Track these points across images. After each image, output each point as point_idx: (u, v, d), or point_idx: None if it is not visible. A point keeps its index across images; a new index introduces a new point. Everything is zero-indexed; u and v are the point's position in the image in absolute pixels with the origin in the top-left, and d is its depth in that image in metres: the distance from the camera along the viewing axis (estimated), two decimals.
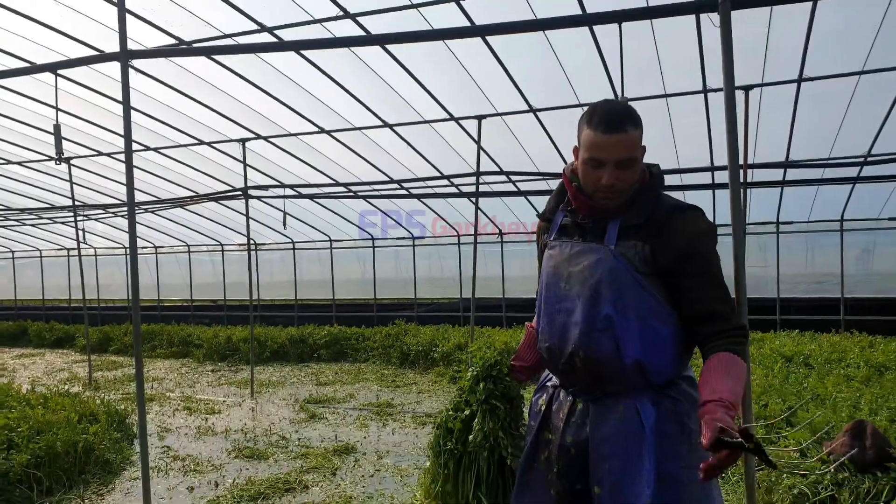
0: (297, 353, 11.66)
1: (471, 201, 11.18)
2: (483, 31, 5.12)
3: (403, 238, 13.70)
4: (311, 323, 13.21)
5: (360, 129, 8.52)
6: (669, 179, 9.21)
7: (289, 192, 10.25)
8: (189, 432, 6.74)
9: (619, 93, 7.30)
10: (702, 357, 1.88)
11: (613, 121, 1.84)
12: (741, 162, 3.86)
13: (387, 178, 10.07)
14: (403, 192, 10.57)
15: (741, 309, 2.32)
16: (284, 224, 9.32)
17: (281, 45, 5.47)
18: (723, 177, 8.39)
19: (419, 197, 10.45)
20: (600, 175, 1.88)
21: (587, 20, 4.53)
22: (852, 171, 8.12)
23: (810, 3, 5.54)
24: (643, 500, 1.86)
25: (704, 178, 9.02)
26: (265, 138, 8.99)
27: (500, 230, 12.83)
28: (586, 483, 2.00)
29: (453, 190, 10.36)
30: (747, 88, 5.90)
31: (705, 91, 7.16)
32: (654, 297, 1.89)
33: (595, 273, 1.93)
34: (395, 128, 8.46)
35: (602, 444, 1.95)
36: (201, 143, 9.43)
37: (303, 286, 14.69)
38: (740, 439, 1.47)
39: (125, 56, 3.30)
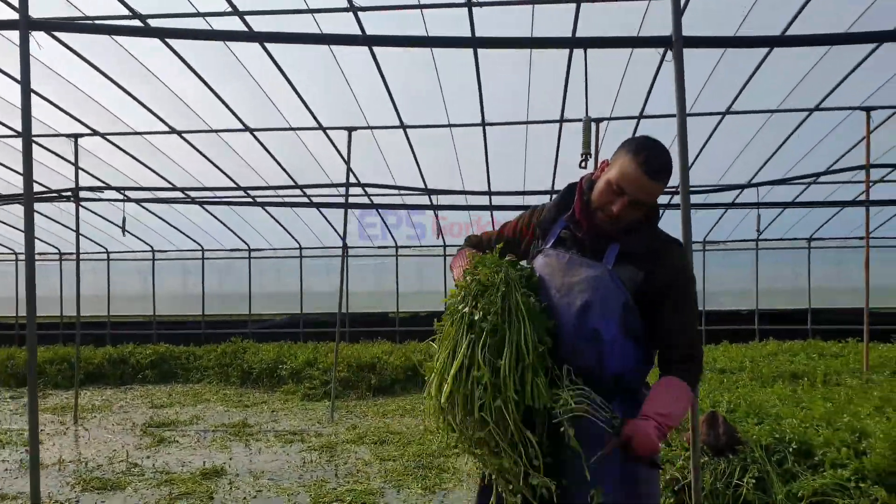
0: (118, 374, 10.47)
1: (319, 211, 11.02)
2: (371, 42, 5.16)
3: (238, 250, 12.97)
4: (127, 342, 11.92)
5: (217, 131, 7.98)
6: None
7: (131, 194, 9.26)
8: (10, 467, 5.77)
9: (482, 118, 7.76)
10: (660, 372, 2.09)
11: (656, 168, 1.96)
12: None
13: (234, 185, 9.52)
14: (248, 199, 10.07)
15: None
16: (123, 231, 8.36)
17: (147, 31, 5.03)
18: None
19: (263, 206, 10.07)
20: (614, 201, 2.01)
21: (473, 43, 4.79)
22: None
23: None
24: (606, 497, 2.00)
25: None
26: (103, 135, 8.05)
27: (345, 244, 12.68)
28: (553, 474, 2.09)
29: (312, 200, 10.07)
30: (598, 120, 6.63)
31: (562, 121, 7.82)
32: (638, 319, 2.06)
33: (589, 288, 2.04)
34: (255, 132, 8.06)
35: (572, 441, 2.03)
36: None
37: (119, 301, 13.23)
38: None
39: None
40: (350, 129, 7.36)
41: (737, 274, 12.54)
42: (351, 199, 10.19)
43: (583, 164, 2.73)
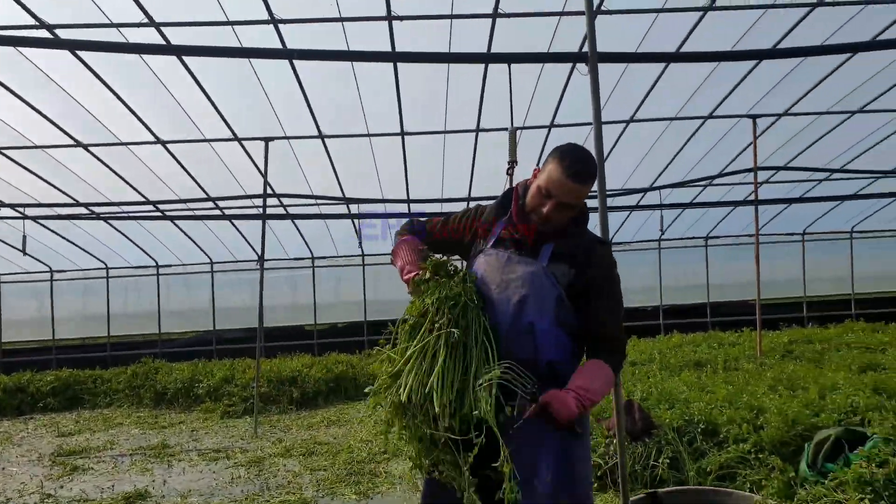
0: (15, 404, 9.77)
1: (232, 224, 10.79)
2: (292, 55, 5.20)
3: (146, 266, 12.45)
4: (24, 369, 11.11)
5: (127, 144, 7.70)
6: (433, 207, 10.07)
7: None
8: None
9: (401, 128, 7.91)
10: (586, 355, 2.31)
11: (581, 173, 2.15)
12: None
13: (142, 200, 9.19)
14: (157, 213, 9.74)
15: None
16: (24, 248, 7.87)
17: (57, 43, 4.84)
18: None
19: (173, 219, 9.78)
20: (544, 204, 2.19)
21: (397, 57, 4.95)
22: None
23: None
24: (548, 473, 2.21)
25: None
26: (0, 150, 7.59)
27: (262, 256, 12.45)
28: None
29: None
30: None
31: (478, 130, 8.07)
32: (570, 313, 2.25)
33: (526, 284, 2.22)
34: (167, 144, 7.83)
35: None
36: None
37: (12, 327, 12.36)
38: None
39: None
40: (267, 140, 7.29)
41: (642, 272, 13.28)
42: (268, 211, 10.11)
43: (509, 171, 2.91)
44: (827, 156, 9.96)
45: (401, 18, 5.60)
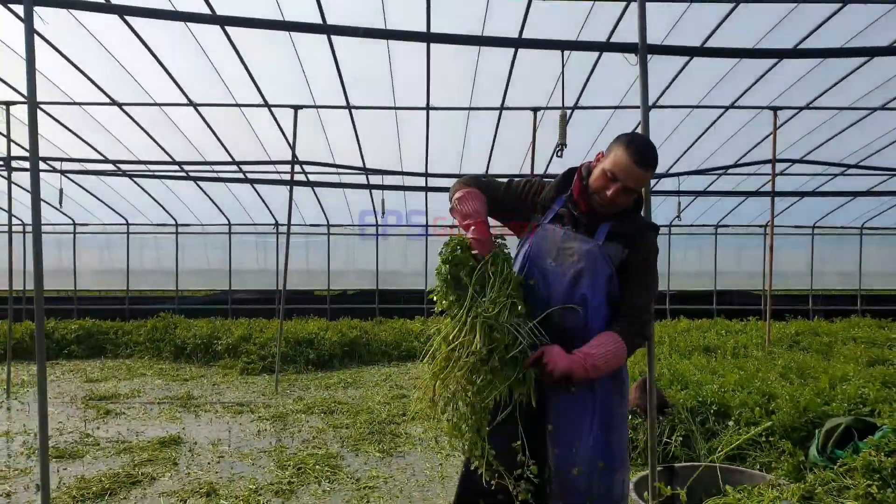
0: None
1: (253, 187, 10.97)
2: (330, 30, 5.34)
3: (165, 224, 12.67)
4: (47, 317, 11.42)
5: (161, 105, 7.84)
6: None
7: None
8: None
9: (427, 102, 8.05)
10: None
11: (645, 159, 2.33)
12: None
13: (170, 160, 9.36)
14: (181, 173, 9.90)
15: None
16: (60, 202, 8.06)
17: (108, 7, 4.95)
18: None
19: (196, 180, 9.94)
20: (609, 187, 2.36)
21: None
22: None
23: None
24: (589, 437, 2.42)
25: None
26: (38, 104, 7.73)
27: (288, 222, 12.68)
28: (543, 421, 2.47)
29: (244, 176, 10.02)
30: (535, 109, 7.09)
31: (502, 108, 8.19)
32: (616, 288, 2.44)
33: (582, 260, 2.40)
34: (199, 107, 7.97)
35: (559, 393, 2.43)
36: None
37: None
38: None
39: None
40: (296, 108, 7.44)
41: None
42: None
43: (559, 154, 3.08)
44: (843, 151, 10.07)
45: None
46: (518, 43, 5.26)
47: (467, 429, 2.46)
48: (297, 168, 9.92)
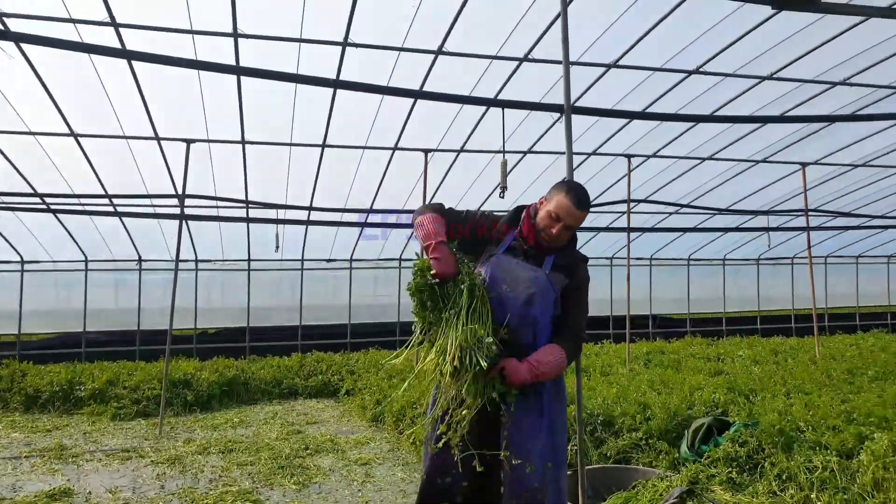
0: None
1: (121, 222, 10.43)
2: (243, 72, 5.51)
3: (9, 261, 11.53)
4: None
5: (36, 133, 7.35)
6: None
7: None
8: None
9: (324, 140, 8.26)
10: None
11: (583, 203, 2.86)
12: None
13: (31, 192, 8.70)
14: (40, 205, 9.21)
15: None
16: None
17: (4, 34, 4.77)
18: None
19: (56, 212, 9.34)
20: (554, 226, 2.85)
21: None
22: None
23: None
24: (538, 441, 2.86)
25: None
26: None
27: (139, 256, 12.03)
28: (497, 435, 2.87)
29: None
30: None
31: (395, 148, 8.61)
32: (559, 310, 2.94)
33: (532, 286, 2.88)
34: (79, 137, 7.57)
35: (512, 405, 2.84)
36: None
37: None
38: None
39: None
40: (189, 141, 7.36)
41: None
42: (161, 210, 9.90)
43: (501, 195, 3.55)
44: (678, 193, 11.60)
45: (356, 45, 6.10)
46: (418, 94, 5.72)
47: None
48: (166, 202, 9.61)
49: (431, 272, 2.76)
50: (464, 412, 2.75)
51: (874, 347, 10.86)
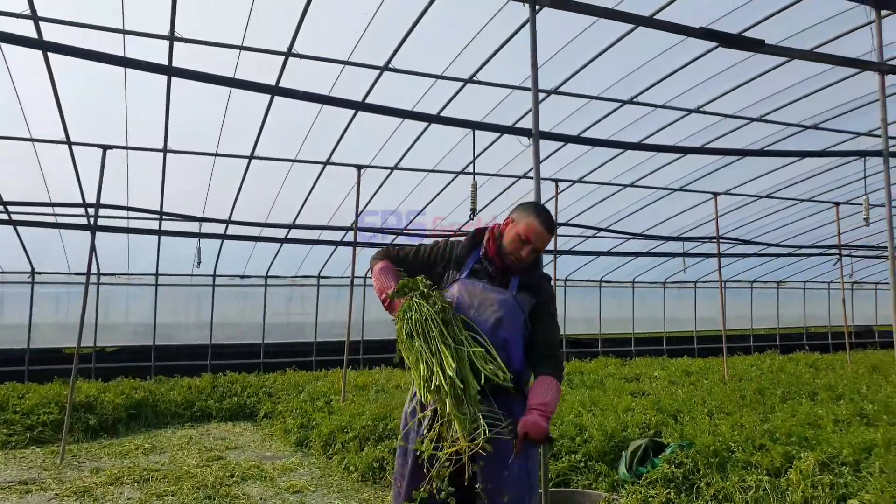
0: None
1: (16, 230, 9.60)
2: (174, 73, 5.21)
3: None
4: None
5: None
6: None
7: None
8: None
9: (252, 151, 7.93)
10: (534, 369, 2.93)
11: (552, 227, 2.86)
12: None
13: None
14: None
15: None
16: None
17: None
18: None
19: None
20: (522, 248, 2.82)
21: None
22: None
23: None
24: (514, 468, 2.77)
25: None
26: None
27: (32, 268, 11.08)
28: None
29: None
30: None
31: (327, 163, 8.40)
32: (528, 330, 2.91)
33: (501, 308, 2.83)
34: None
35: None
36: None
37: None
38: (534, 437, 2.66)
39: None
40: (105, 147, 6.85)
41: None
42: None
43: (472, 218, 3.50)
44: (598, 217, 12.01)
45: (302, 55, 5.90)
46: (360, 106, 5.59)
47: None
48: (82, 210, 8.93)
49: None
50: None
51: (773, 368, 11.60)
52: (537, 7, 3.46)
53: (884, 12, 3.66)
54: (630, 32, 6.26)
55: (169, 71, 5.49)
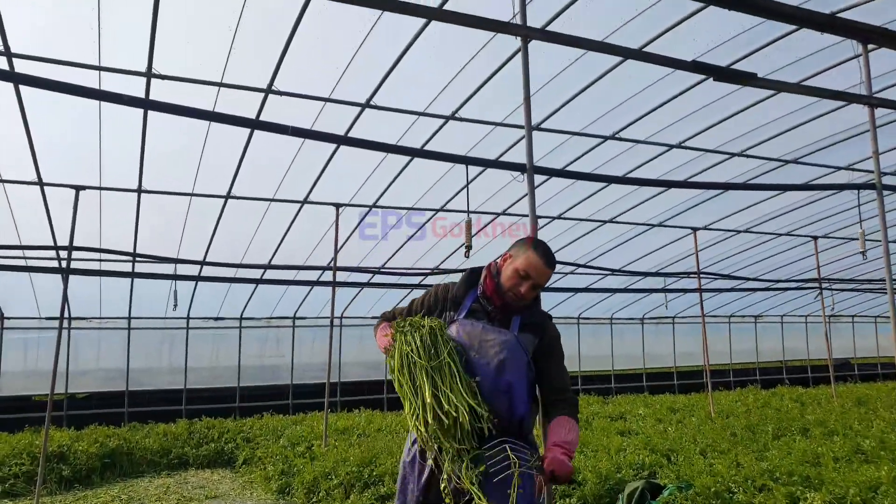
0: None
1: None
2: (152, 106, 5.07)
3: None
4: None
5: None
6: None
7: None
8: None
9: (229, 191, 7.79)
10: (548, 412, 2.79)
11: (552, 261, 2.73)
12: None
13: None
14: None
15: None
16: None
17: None
18: None
19: None
20: (522, 284, 2.68)
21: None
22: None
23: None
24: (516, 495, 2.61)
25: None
26: None
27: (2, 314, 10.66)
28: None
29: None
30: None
31: (305, 202, 8.25)
32: (533, 373, 2.76)
33: (503, 350, 2.66)
34: None
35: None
36: None
37: None
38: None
39: None
40: (78, 188, 6.64)
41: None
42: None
43: (466, 255, 3.38)
44: (577, 254, 12.00)
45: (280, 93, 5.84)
46: (342, 140, 5.50)
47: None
48: (54, 253, 8.64)
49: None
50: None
51: (757, 403, 11.54)
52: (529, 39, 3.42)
53: (870, 46, 3.71)
54: (613, 69, 6.32)
55: (146, 104, 5.35)
